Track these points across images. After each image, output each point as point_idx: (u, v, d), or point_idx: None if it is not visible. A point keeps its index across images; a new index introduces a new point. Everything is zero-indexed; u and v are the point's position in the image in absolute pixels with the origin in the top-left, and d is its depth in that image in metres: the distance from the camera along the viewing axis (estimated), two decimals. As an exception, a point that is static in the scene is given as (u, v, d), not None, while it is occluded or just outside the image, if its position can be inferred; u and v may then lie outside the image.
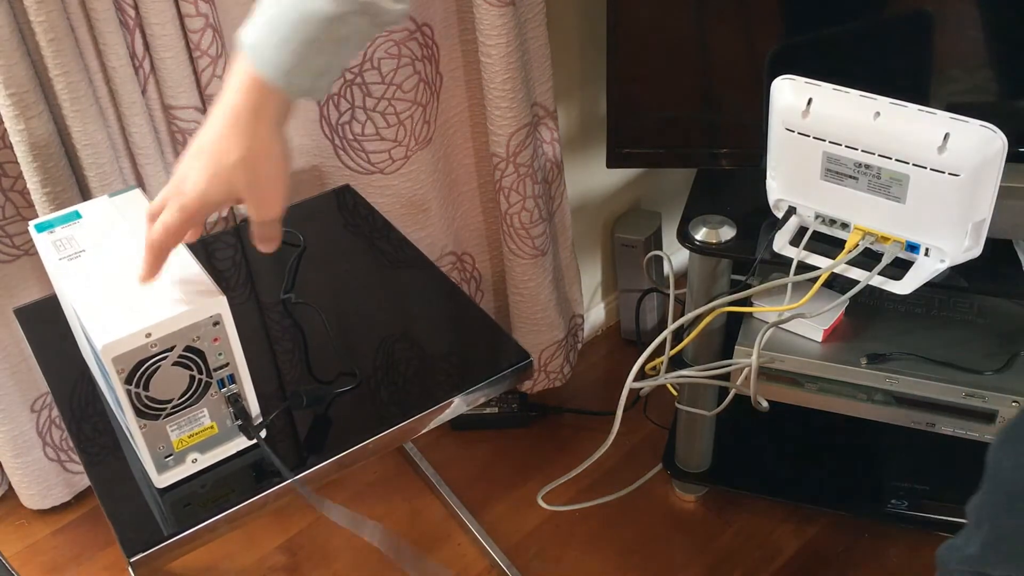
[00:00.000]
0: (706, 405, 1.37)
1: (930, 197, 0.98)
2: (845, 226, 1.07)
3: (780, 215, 1.13)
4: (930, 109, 0.96)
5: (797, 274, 1.09)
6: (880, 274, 1.04)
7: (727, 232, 1.19)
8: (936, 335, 1.25)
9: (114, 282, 0.86)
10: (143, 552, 0.85)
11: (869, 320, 1.28)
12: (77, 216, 0.95)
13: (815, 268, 1.09)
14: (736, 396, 1.22)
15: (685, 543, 1.46)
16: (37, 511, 1.52)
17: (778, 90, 1.04)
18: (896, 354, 1.22)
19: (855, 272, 1.06)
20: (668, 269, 1.78)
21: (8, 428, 1.37)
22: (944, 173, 0.95)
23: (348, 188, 1.31)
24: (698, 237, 1.19)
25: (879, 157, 0.99)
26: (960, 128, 0.94)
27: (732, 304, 1.18)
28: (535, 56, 1.35)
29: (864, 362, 1.22)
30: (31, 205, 1.21)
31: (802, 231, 1.12)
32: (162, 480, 0.89)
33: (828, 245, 1.10)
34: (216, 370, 0.87)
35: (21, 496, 1.49)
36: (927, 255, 1.03)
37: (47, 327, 1.10)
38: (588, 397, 1.71)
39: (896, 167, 0.98)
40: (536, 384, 1.64)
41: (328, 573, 1.44)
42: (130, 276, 0.86)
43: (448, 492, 1.54)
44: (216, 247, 1.21)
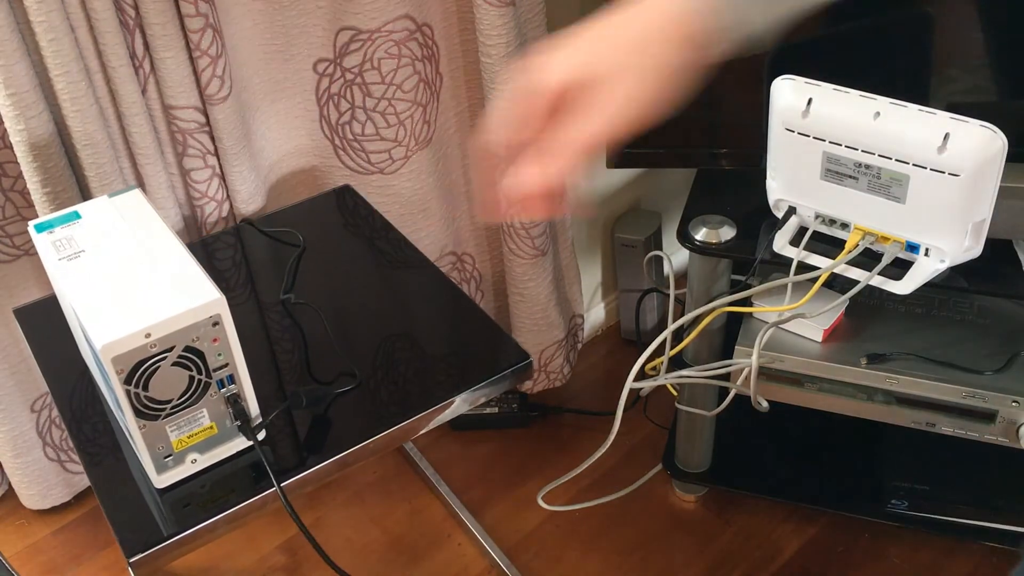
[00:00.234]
0: (706, 405, 1.37)
1: (930, 197, 0.98)
2: (845, 226, 1.07)
3: (780, 215, 1.13)
4: (930, 109, 0.96)
5: (797, 274, 1.09)
6: (880, 274, 1.04)
7: (727, 232, 1.19)
8: (936, 335, 1.25)
9: (113, 282, 0.86)
10: (143, 552, 0.85)
11: (869, 320, 1.27)
12: (77, 216, 0.95)
13: (815, 268, 1.09)
14: (736, 396, 1.22)
15: (685, 543, 1.46)
16: (37, 511, 1.52)
17: (778, 90, 1.04)
18: (896, 354, 1.22)
19: (855, 272, 1.06)
20: (668, 269, 1.78)
21: (8, 428, 1.37)
22: (944, 173, 0.95)
23: (348, 188, 1.31)
24: (698, 237, 1.19)
25: (879, 157, 0.99)
26: (960, 128, 0.94)
27: (732, 304, 1.18)
28: (535, 56, 1.35)
29: (864, 362, 1.22)
30: (31, 205, 1.21)
31: (802, 231, 1.12)
32: (161, 480, 0.89)
33: (828, 245, 1.10)
34: (215, 370, 0.87)
35: (21, 496, 1.49)
36: (927, 255, 1.03)
37: (47, 327, 1.10)
38: (588, 397, 1.71)
39: (896, 167, 0.98)
40: (536, 384, 1.64)
41: (328, 573, 1.44)
42: (130, 276, 0.86)
43: (448, 492, 1.54)
44: (216, 247, 1.21)
